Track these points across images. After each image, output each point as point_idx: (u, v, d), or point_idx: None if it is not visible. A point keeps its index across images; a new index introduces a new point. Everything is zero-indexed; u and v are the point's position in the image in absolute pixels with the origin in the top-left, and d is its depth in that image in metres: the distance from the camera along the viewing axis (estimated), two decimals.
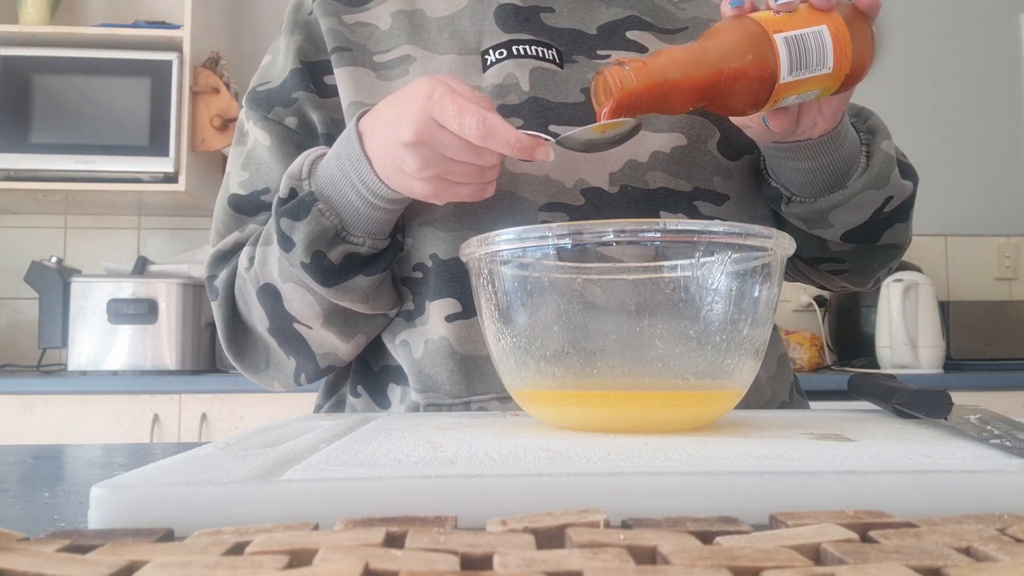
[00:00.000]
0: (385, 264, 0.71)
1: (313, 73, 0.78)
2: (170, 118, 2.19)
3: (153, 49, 2.24)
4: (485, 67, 0.74)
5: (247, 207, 0.79)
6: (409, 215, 0.73)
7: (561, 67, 0.75)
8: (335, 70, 0.76)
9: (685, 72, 0.57)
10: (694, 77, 0.57)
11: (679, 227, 0.46)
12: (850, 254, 0.78)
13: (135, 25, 2.28)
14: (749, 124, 0.67)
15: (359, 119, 0.66)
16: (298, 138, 0.77)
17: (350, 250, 0.68)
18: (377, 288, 0.71)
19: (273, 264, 0.71)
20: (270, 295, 0.73)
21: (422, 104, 0.59)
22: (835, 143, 0.68)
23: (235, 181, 0.79)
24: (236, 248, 0.78)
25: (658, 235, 0.46)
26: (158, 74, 2.20)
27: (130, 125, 2.19)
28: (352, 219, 0.67)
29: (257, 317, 0.75)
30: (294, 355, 0.76)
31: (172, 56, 2.21)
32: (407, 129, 0.59)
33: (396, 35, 0.77)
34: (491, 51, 0.74)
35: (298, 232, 0.67)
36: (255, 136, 0.79)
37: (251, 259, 0.73)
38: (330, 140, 0.75)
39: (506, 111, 0.72)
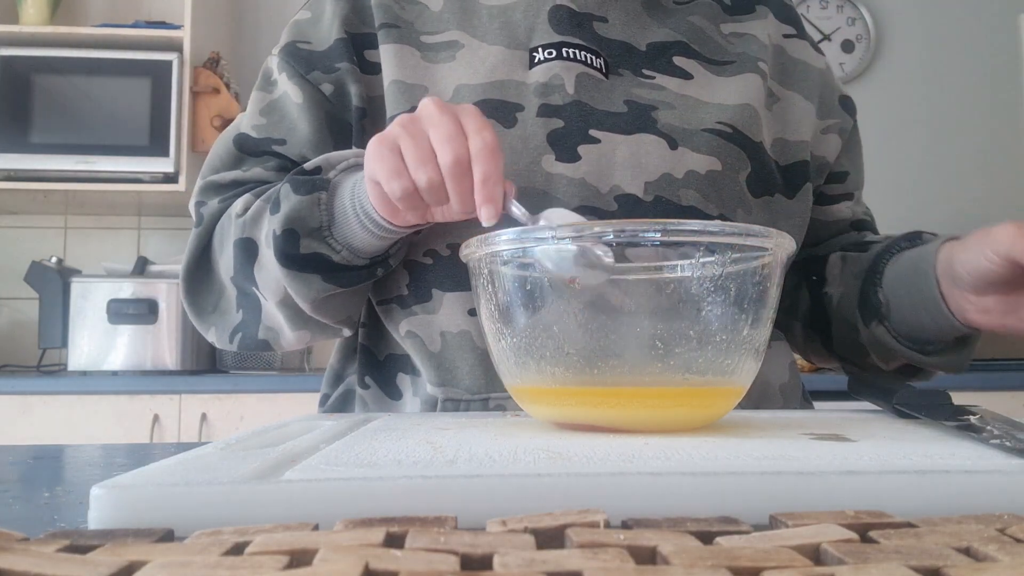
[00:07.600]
0: (350, 280, 0.69)
1: (356, 45, 0.77)
2: (170, 118, 2.19)
3: (153, 49, 2.24)
4: (532, 64, 0.74)
5: (253, 149, 0.78)
6: None
7: (606, 77, 0.75)
8: (380, 46, 0.75)
9: None
10: None
11: (679, 227, 0.46)
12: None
13: (135, 25, 2.28)
14: (974, 271, 0.62)
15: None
16: (330, 106, 0.76)
17: (321, 251, 0.67)
18: (329, 298, 0.70)
19: (264, 225, 0.70)
20: (247, 251, 0.71)
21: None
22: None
23: (249, 122, 0.78)
24: (234, 185, 0.77)
25: (658, 235, 0.46)
26: (158, 74, 2.20)
27: (130, 125, 2.19)
28: (341, 223, 0.66)
29: (225, 262, 0.74)
30: (243, 310, 0.75)
31: (172, 56, 2.21)
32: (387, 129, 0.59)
33: (446, 18, 0.77)
34: (540, 49, 0.74)
35: (288, 203, 0.66)
36: (286, 89, 0.77)
37: (246, 208, 0.72)
38: (363, 114, 0.76)
39: (548, 111, 0.72)
